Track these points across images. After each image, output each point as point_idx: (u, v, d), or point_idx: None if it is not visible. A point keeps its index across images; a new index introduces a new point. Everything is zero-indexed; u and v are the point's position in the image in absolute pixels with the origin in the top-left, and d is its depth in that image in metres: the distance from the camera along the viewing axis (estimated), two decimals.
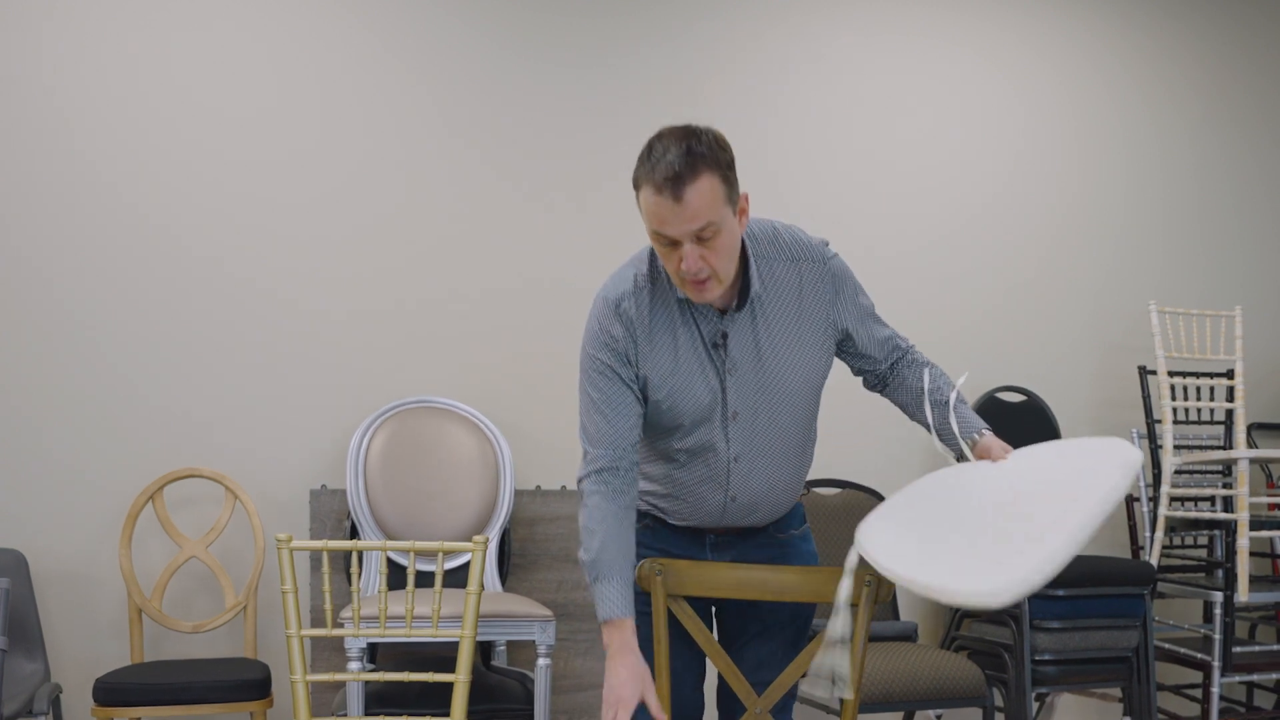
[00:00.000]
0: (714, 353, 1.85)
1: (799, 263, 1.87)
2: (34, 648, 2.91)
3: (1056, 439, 3.75)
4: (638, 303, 1.84)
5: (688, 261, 1.71)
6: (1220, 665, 3.49)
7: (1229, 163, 4.25)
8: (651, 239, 1.76)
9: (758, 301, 1.84)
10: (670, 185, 1.67)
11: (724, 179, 1.71)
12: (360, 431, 3.18)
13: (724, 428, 1.88)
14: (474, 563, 2.11)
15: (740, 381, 1.86)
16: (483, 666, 3.12)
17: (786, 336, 1.86)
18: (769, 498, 1.96)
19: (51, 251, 3.14)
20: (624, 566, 1.83)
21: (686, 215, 1.68)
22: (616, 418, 1.85)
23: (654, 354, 1.84)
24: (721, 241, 1.72)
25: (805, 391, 1.92)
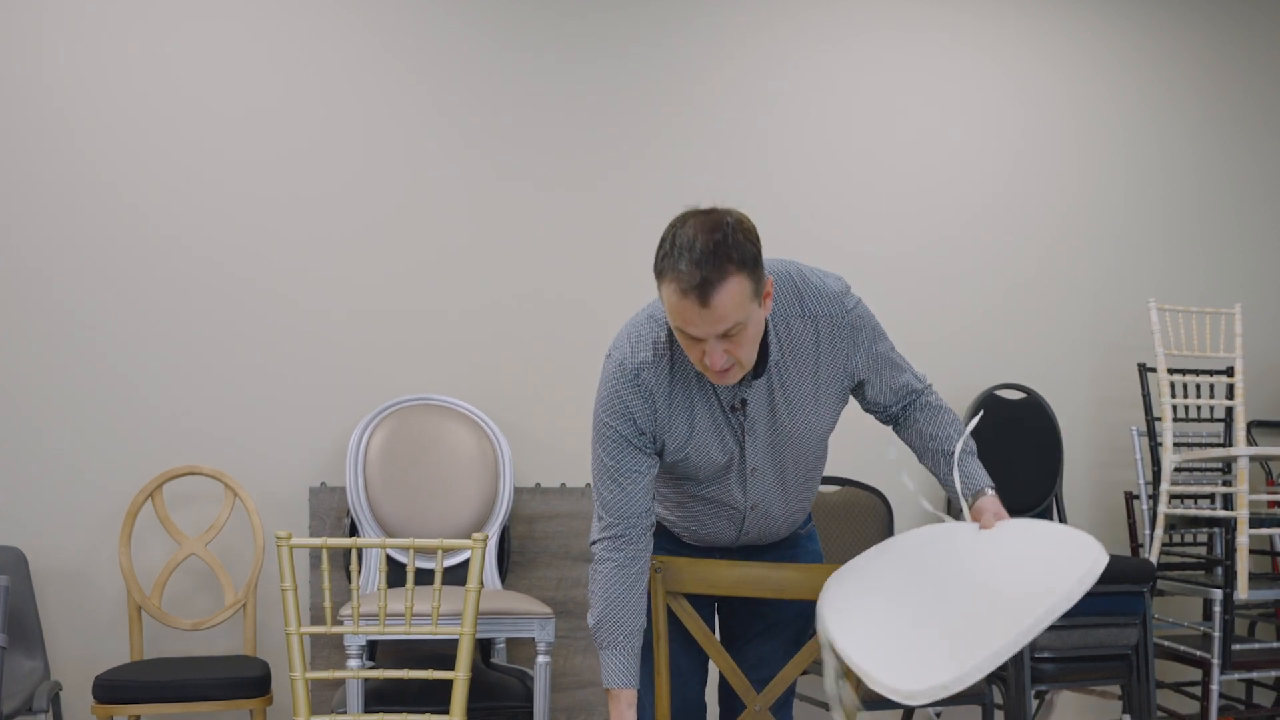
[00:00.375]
0: (732, 416, 1.82)
1: (817, 319, 1.80)
2: (34, 645, 2.91)
3: (1057, 437, 3.75)
4: (657, 373, 1.78)
5: (711, 358, 1.66)
6: (1220, 663, 3.50)
7: (1228, 161, 4.25)
8: (674, 330, 1.69)
9: (775, 367, 1.80)
10: (697, 291, 1.59)
11: (751, 275, 1.63)
12: (359, 429, 3.18)
13: (741, 482, 1.89)
14: (473, 560, 2.11)
15: (758, 441, 1.85)
16: (482, 664, 3.12)
17: (803, 396, 1.83)
18: (782, 529, 2.01)
19: (51, 251, 3.14)
20: (629, 636, 1.82)
21: (713, 319, 1.62)
22: (630, 485, 1.82)
23: (672, 421, 1.81)
24: (746, 335, 1.67)
25: (822, 441, 1.93)
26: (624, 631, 1.81)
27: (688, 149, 3.63)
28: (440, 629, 2.16)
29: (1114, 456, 4.05)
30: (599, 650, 1.84)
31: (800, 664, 1.98)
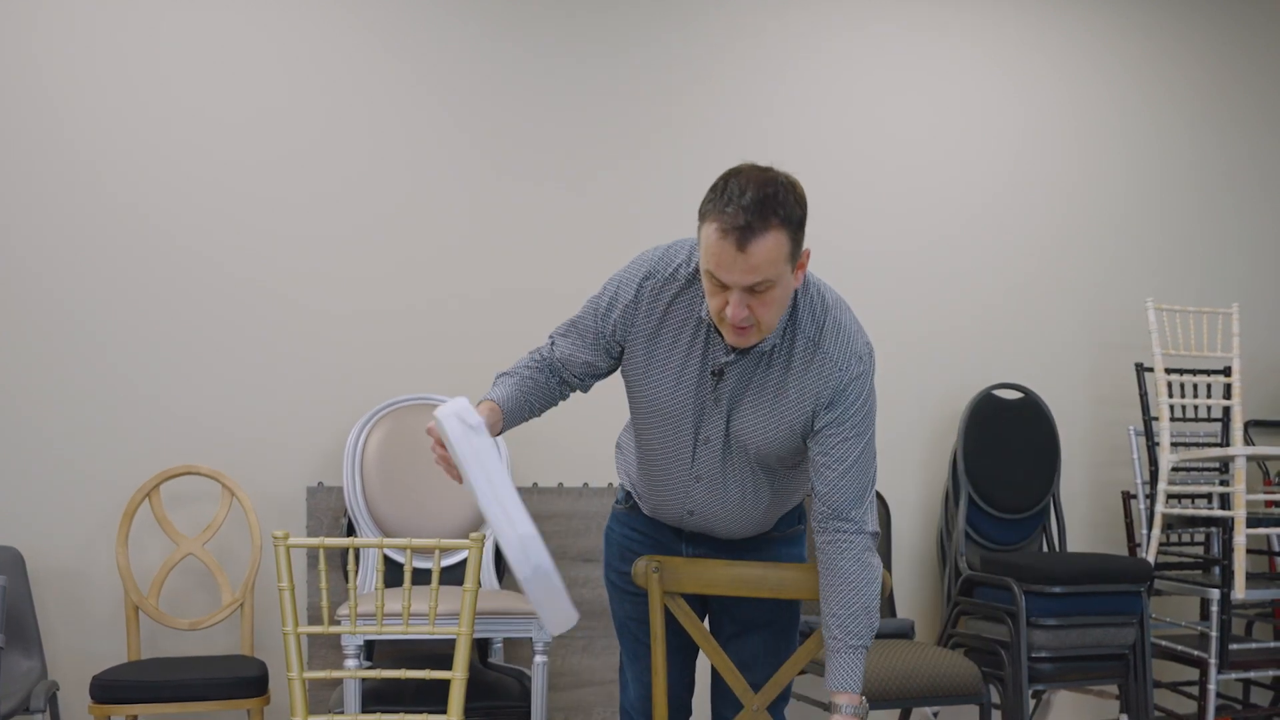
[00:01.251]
0: (709, 378, 1.83)
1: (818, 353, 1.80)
2: (31, 645, 2.91)
3: (1054, 437, 3.75)
4: (661, 290, 1.83)
5: (733, 310, 1.67)
6: (1217, 662, 3.50)
7: (1226, 160, 4.25)
8: (704, 273, 1.70)
9: (769, 360, 1.81)
10: (737, 233, 1.61)
11: (792, 237, 1.66)
12: (357, 429, 3.18)
13: (693, 447, 1.88)
14: (471, 560, 2.11)
15: (721, 417, 1.85)
16: (480, 664, 3.12)
17: (778, 409, 1.82)
18: (728, 524, 1.97)
19: (48, 250, 3.13)
20: (525, 389, 1.90)
21: (746, 267, 1.63)
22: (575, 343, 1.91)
23: (651, 346, 1.85)
24: (773, 295, 1.68)
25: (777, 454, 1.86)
26: (526, 384, 1.91)
27: (687, 148, 3.63)
28: (437, 629, 2.15)
29: (1111, 456, 4.05)
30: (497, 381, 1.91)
31: (796, 666, 1.98)
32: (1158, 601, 3.90)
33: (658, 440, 1.91)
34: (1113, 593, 3.31)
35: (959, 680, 3.07)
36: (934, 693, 3.05)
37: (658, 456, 1.93)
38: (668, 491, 1.95)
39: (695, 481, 1.91)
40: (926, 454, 3.85)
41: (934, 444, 3.85)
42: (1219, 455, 3.55)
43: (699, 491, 1.92)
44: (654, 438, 1.92)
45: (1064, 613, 3.25)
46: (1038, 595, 3.23)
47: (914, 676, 3.03)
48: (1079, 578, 3.26)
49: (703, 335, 1.82)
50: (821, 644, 1.94)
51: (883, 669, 3.02)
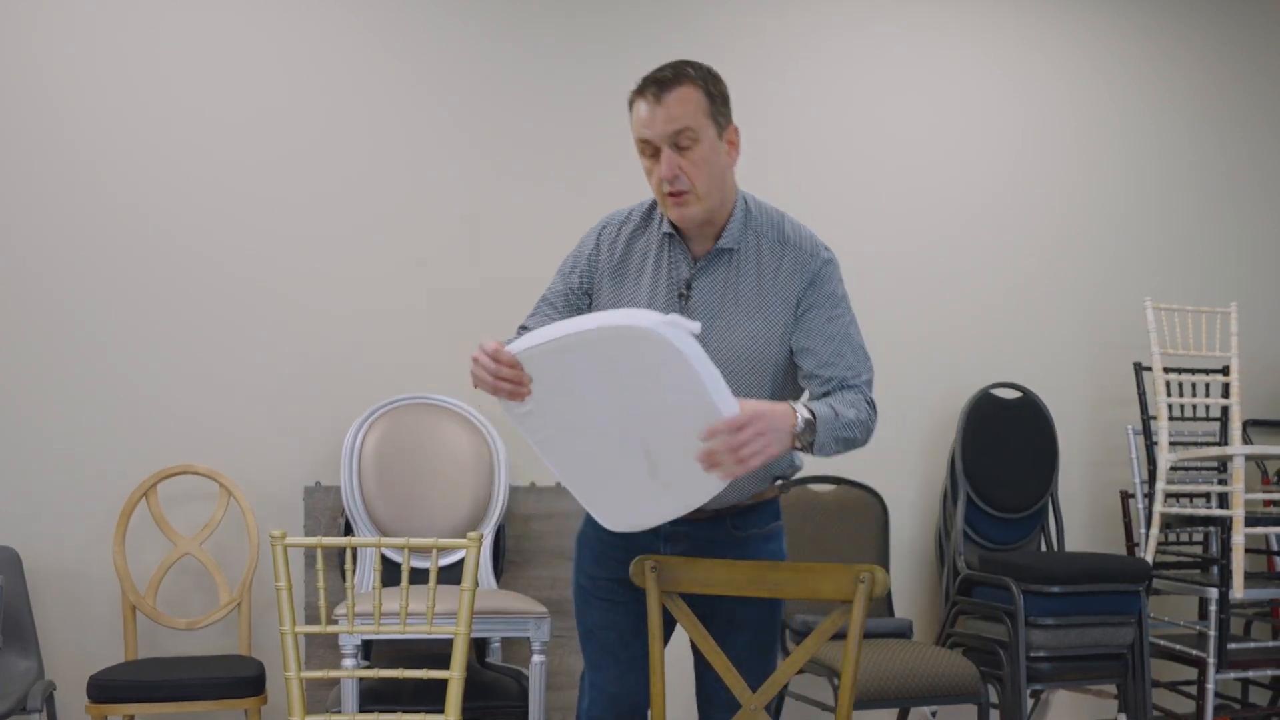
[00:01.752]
0: (677, 299, 1.90)
1: (787, 247, 1.90)
2: (28, 645, 2.91)
3: (1053, 436, 3.75)
4: (619, 230, 1.97)
5: (664, 167, 1.79)
6: (1215, 662, 3.50)
7: (1225, 160, 4.25)
8: (639, 153, 1.84)
9: (731, 261, 1.89)
10: (653, 87, 1.79)
11: (708, 96, 1.82)
12: (354, 428, 3.18)
13: None
14: (468, 559, 2.11)
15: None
16: (477, 663, 3.12)
17: (750, 309, 1.88)
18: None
19: (47, 250, 3.13)
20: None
21: (665, 117, 1.78)
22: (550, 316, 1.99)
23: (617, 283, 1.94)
24: (700, 154, 1.80)
25: (761, 371, 1.89)
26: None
27: None
28: (435, 628, 2.15)
29: (1110, 455, 4.05)
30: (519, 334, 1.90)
31: (795, 665, 1.98)
32: (1156, 601, 3.90)
33: None
34: (1111, 592, 3.30)
35: (957, 680, 3.07)
36: (932, 692, 3.05)
37: None
38: None
39: None
40: (925, 453, 3.85)
41: (932, 443, 3.85)
42: (1217, 454, 3.55)
43: None
44: None
45: (1062, 612, 3.25)
46: (1036, 595, 3.23)
47: (912, 676, 3.03)
48: (1077, 577, 3.26)
49: (665, 258, 1.91)
50: (818, 641, 1.94)
51: (880, 668, 3.02)
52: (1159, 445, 3.68)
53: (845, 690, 1.92)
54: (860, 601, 1.91)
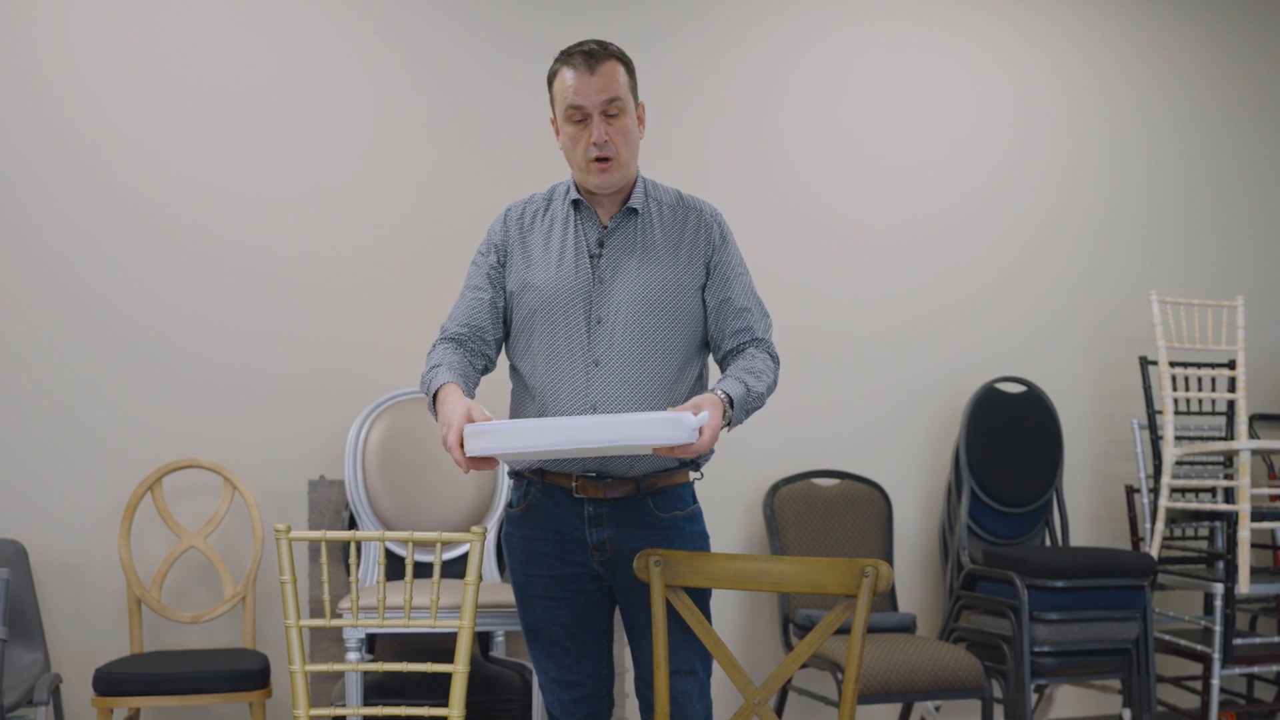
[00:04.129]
0: (591, 261, 2.01)
1: (689, 209, 2.07)
2: (34, 638, 2.92)
3: (1057, 431, 3.74)
4: (524, 210, 2.10)
5: (596, 133, 1.94)
6: (1220, 657, 3.49)
7: (1230, 153, 4.23)
8: (563, 121, 1.98)
9: (640, 221, 2.03)
10: (586, 59, 1.94)
11: (629, 72, 1.99)
12: (358, 422, 3.18)
13: (587, 329, 1.98)
14: (472, 553, 2.11)
15: (608, 289, 1.98)
16: (481, 657, 3.12)
17: (660, 259, 2.02)
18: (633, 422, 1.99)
19: (53, 243, 3.13)
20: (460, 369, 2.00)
21: (599, 85, 1.94)
22: (476, 301, 2.06)
23: (530, 252, 2.05)
24: (625, 123, 1.97)
25: (674, 317, 2.00)
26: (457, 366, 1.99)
27: (688, 146, 3.62)
28: (439, 622, 2.15)
29: (1114, 450, 4.04)
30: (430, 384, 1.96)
31: (798, 659, 1.98)
32: (1161, 596, 3.89)
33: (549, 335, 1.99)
34: (1116, 587, 3.30)
35: (961, 675, 3.07)
36: (936, 687, 3.05)
37: (550, 355, 1.99)
38: (567, 390, 1.98)
39: (594, 366, 1.97)
40: (929, 447, 3.85)
41: (936, 437, 3.85)
42: (1223, 449, 3.54)
43: (599, 378, 1.97)
44: (545, 334, 2.00)
45: (1067, 607, 3.24)
46: (1040, 589, 3.23)
47: (916, 671, 3.03)
48: (1082, 572, 3.25)
49: (573, 221, 2.04)
50: (822, 636, 1.94)
51: (884, 663, 3.02)
52: (1164, 440, 3.67)
53: (849, 684, 1.92)
54: (864, 596, 1.91)
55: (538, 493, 2.05)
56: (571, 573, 2.04)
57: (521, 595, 2.09)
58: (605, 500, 2.00)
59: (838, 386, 3.76)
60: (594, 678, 2.08)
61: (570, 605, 2.05)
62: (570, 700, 2.08)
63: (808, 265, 3.74)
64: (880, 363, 3.80)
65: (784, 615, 3.36)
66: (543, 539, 2.04)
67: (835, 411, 3.76)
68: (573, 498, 2.01)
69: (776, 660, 3.61)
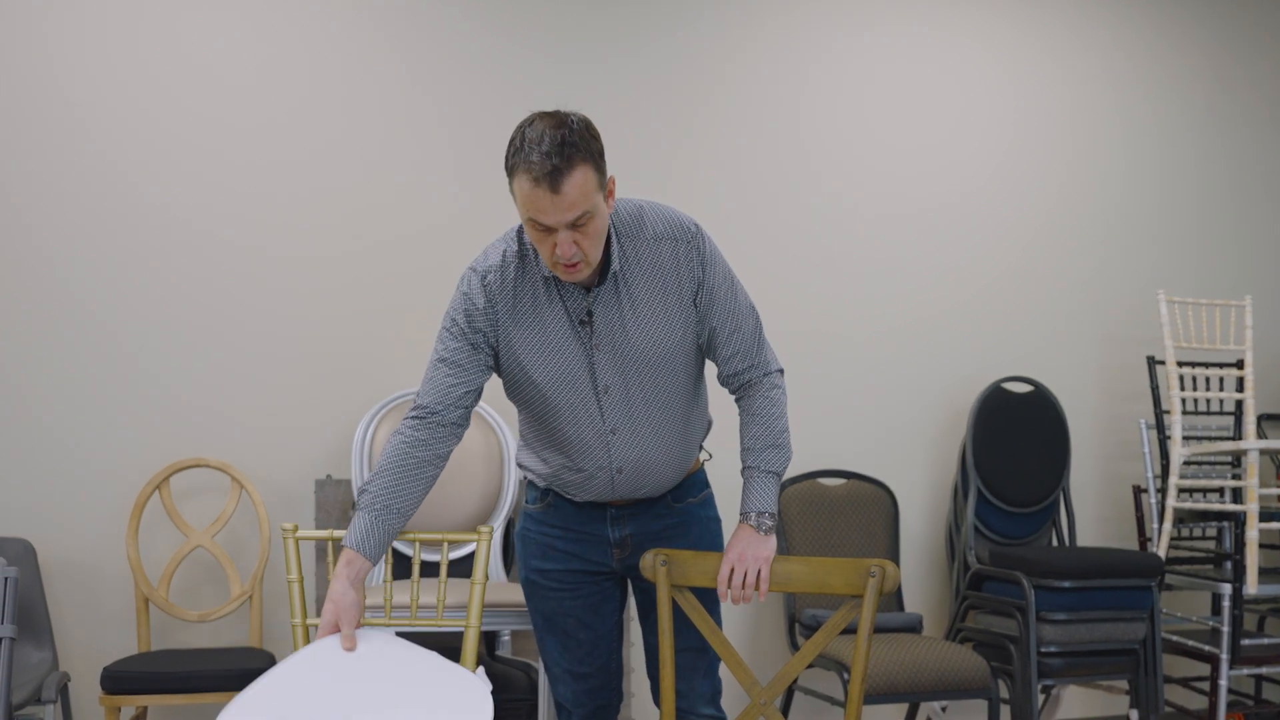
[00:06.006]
0: (580, 330, 1.92)
1: (662, 240, 1.93)
2: (42, 636, 2.93)
3: (1064, 431, 3.73)
4: (503, 278, 1.92)
5: (562, 248, 1.78)
6: (1228, 658, 3.48)
7: (1238, 152, 4.22)
8: (525, 224, 1.81)
9: (621, 278, 1.91)
10: (548, 178, 1.73)
11: (596, 168, 1.78)
12: (365, 422, 3.18)
13: (598, 401, 1.94)
14: (478, 553, 2.11)
15: (607, 356, 1.92)
16: (488, 656, 3.12)
17: (652, 310, 1.92)
18: (657, 469, 2.00)
19: (59, 241, 3.14)
20: (387, 511, 1.90)
21: (563, 206, 1.75)
22: (453, 374, 1.93)
23: (520, 331, 1.92)
24: (594, 227, 1.80)
25: (676, 363, 1.96)
26: (390, 503, 1.89)
27: (692, 147, 3.62)
28: (445, 621, 2.16)
29: (1122, 450, 4.03)
30: (355, 513, 1.91)
31: (804, 659, 1.98)
32: (1168, 596, 3.88)
33: (564, 411, 1.95)
34: (1123, 587, 3.29)
35: (967, 675, 3.07)
36: (942, 687, 3.04)
37: (568, 430, 1.96)
38: (590, 460, 1.97)
39: (611, 434, 1.95)
40: (935, 447, 3.84)
41: (943, 437, 3.84)
42: (1231, 449, 3.53)
43: (618, 444, 1.96)
44: (559, 412, 1.95)
45: (1074, 607, 3.24)
46: (1047, 589, 3.22)
47: (922, 671, 3.03)
48: (1089, 572, 3.25)
49: (555, 292, 1.92)
50: (828, 636, 1.94)
51: (890, 663, 3.01)
52: (1172, 440, 3.66)
53: (855, 684, 1.92)
54: (870, 596, 1.90)
55: (557, 498, 2.07)
56: (589, 568, 2.06)
57: (534, 589, 2.09)
58: (627, 503, 2.04)
59: (844, 386, 3.76)
60: (605, 669, 2.09)
61: (585, 597, 2.06)
62: (583, 691, 2.09)
63: (813, 265, 3.74)
64: (887, 362, 3.80)
65: (790, 615, 3.36)
66: (561, 535, 2.06)
67: (841, 411, 3.75)
68: (594, 503, 2.04)
69: (782, 660, 3.61)
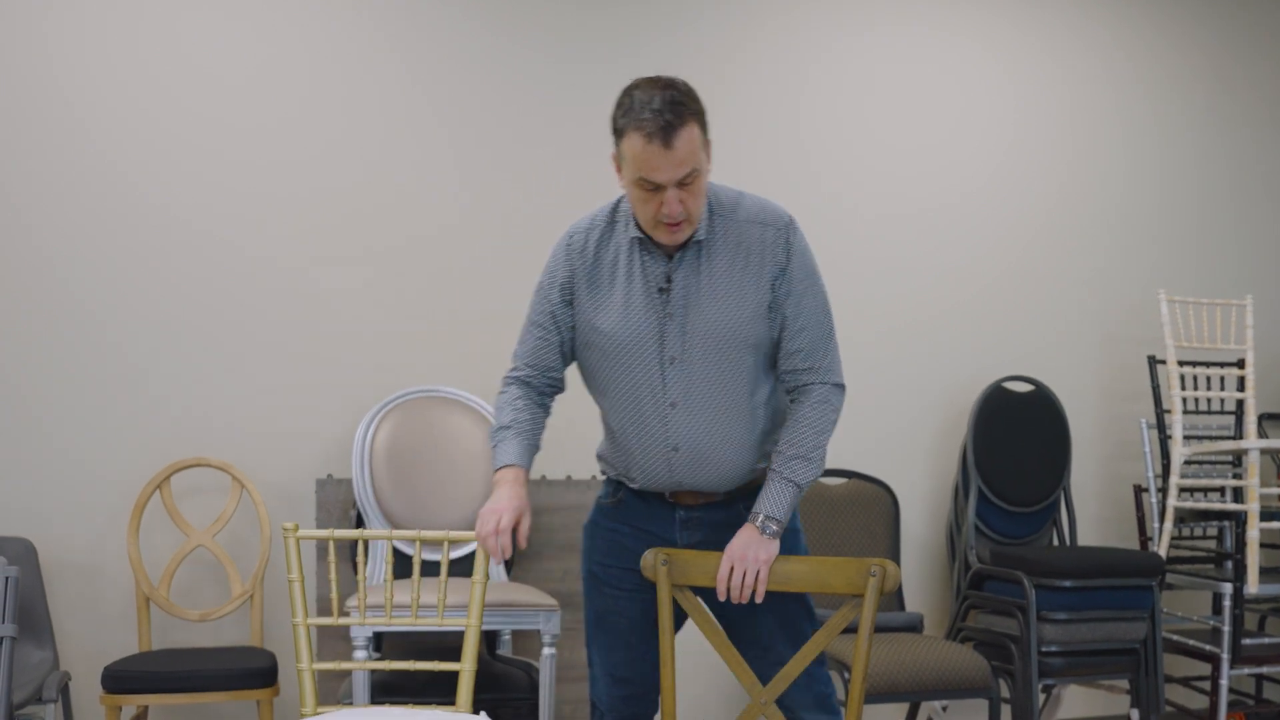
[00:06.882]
0: (657, 296, 1.93)
1: (754, 224, 1.95)
2: (43, 636, 2.93)
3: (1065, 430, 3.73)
4: (587, 239, 1.99)
5: (669, 205, 1.83)
6: (1229, 657, 3.48)
7: (1238, 152, 4.22)
8: (633, 184, 1.84)
9: (705, 249, 1.93)
10: (661, 134, 1.78)
11: (702, 127, 1.84)
12: (366, 421, 3.18)
13: (662, 371, 1.94)
14: (479, 552, 2.11)
15: (678, 326, 1.92)
16: (488, 656, 3.12)
17: (729, 285, 1.93)
18: (715, 456, 1.97)
19: (60, 241, 3.14)
20: (523, 434, 1.99)
21: (675, 161, 1.79)
22: (541, 342, 2.02)
23: (597, 291, 1.96)
24: (699, 185, 1.85)
25: (744, 345, 1.94)
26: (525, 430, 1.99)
27: None
28: (446, 621, 2.16)
29: (1122, 449, 4.03)
30: (496, 447, 1.98)
31: (805, 658, 1.97)
32: (1169, 596, 3.88)
33: (627, 378, 1.95)
34: (1124, 587, 3.29)
35: (968, 674, 3.07)
36: (943, 687, 3.04)
37: (628, 399, 1.96)
38: (646, 435, 1.96)
39: (671, 408, 1.94)
40: (936, 447, 3.84)
41: (943, 436, 3.84)
42: (1232, 449, 3.53)
43: (676, 419, 1.94)
44: (620, 379, 1.96)
45: (1074, 607, 3.24)
46: (1048, 589, 3.22)
47: (923, 670, 3.03)
48: (1090, 572, 3.25)
49: (637, 259, 1.94)
50: (829, 635, 1.94)
51: (891, 663, 3.01)
52: (1173, 439, 3.66)
53: (856, 684, 1.92)
54: (871, 595, 1.90)
55: (628, 493, 2.06)
56: None
57: (593, 584, 2.08)
58: (698, 505, 2.02)
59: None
60: (646, 679, 2.06)
61: (638, 599, 2.04)
62: (619, 697, 2.07)
63: None
64: (887, 362, 3.80)
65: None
66: (629, 534, 2.05)
67: (842, 411, 3.75)
68: (665, 501, 2.03)
69: None
